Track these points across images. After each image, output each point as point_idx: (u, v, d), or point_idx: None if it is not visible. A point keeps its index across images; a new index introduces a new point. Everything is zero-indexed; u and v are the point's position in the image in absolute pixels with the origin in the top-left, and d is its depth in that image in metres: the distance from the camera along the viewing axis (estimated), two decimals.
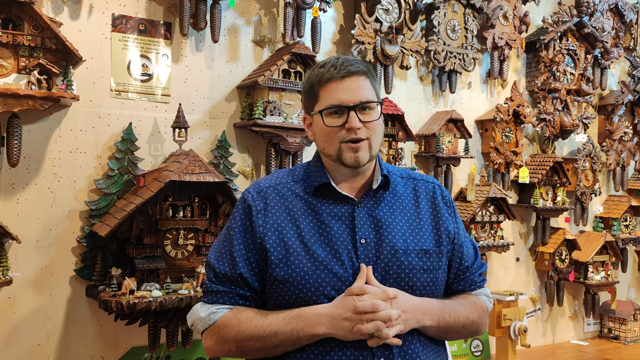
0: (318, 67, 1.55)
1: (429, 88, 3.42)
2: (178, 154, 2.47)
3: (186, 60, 2.67)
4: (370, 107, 1.52)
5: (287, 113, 2.69)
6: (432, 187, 1.66)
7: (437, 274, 1.56)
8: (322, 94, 1.53)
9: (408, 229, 1.55)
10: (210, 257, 1.57)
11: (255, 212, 1.54)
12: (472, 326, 1.60)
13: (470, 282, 1.66)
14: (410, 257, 1.51)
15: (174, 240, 2.41)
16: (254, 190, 1.59)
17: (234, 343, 1.48)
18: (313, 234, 1.49)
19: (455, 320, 1.55)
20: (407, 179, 1.65)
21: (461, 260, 1.64)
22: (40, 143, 2.37)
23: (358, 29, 3.00)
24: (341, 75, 1.50)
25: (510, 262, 3.73)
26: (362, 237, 1.49)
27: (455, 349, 3.38)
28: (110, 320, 2.46)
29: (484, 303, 1.67)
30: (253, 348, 1.47)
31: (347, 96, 1.50)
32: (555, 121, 3.72)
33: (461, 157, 3.33)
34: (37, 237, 2.36)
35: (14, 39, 2.14)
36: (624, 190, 4.24)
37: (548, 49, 3.68)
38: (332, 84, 1.51)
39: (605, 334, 4.08)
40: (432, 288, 1.55)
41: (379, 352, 1.42)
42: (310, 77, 1.57)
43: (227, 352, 1.52)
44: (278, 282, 1.47)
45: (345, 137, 1.50)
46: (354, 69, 1.51)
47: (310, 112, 1.59)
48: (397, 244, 1.50)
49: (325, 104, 1.51)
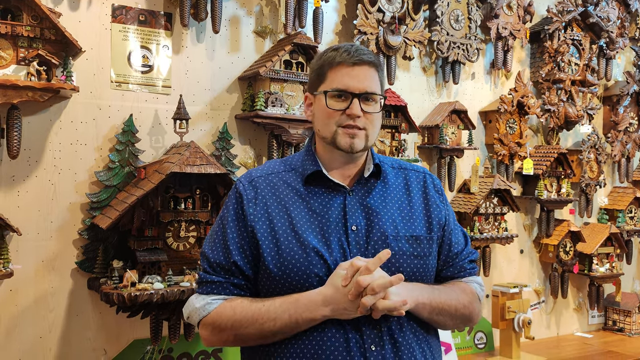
0: (331, 50, 1.57)
1: (432, 79, 3.39)
2: (179, 145, 2.46)
3: (187, 51, 2.65)
4: (373, 99, 1.55)
5: (289, 104, 2.66)
6: (423, 177, 1.69)
7: (427, 260, 1.57)
8: (329, 75, 1.54)
9: (399, 215, 1.57)
10: (205, 247, 1.59)
11: (247, 200, 1.55)
12: (464, 310, 1.60)
13: (460, 269, 1.67)
14: (401, 243, 1.53)
15: (176, 233, 2.39)
16: (245, 179, 1.61)
17: (231, 331, 1.49)
18: (304, 222, 1.50)
19: (446, 300, 1.55)
20: (398, 169, 1.67)
21: (450, 247, 1.65)
22: (41, 135, 2.36)
23: (360, 19, 2.97)
24: (353, 62, 1.52)
25: (514, 254, 3.71)
26: (353, 224, 1.51)
27: (459, 341, 3.37)
28: (112, 313, 2.45)
29: (474, 289, 1.67)
30: (250, 335, 1.48)
31: (354, 83, 1.52)
32: (560, 112, 3.69)
33: (465, 149, 3.31)
34: (38, 229, 2.35)
35: (13, 29, 2.12)
36: (629, 182, 4.22)
37: (552, 39, 3.65)
38: (342, 68, 1.52)
39: (609, 327, 4.07)
40: (423, 274, 1.56)
41: (369, 339, 1.43)
42: (321, 57, 1.58)
43: (225, 341, 1.53)
44: (270, 271, 1.48)
45: (343, 122, 1.52)
46: (367, 58, 1.54)
47: (313, 92, 1.60)
48: (387, 230, 1.52)
49: (331, 85, 1.53)
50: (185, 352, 2.60)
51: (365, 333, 1.44)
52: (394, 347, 1.45)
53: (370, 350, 1.43)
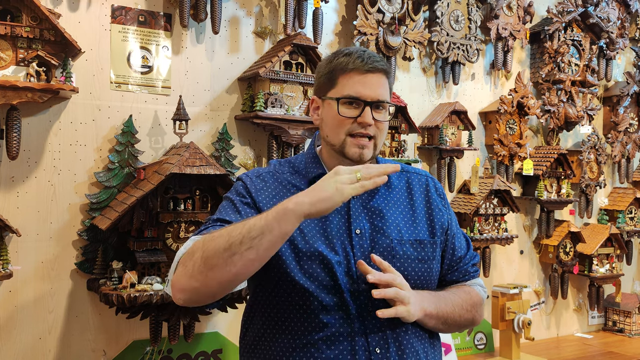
0: (342, 55, 1.54)
1: (432, 79, 3.39)
2: (179, 146, 2.45)
3: (187, 52, 2.65)
4: (384, 107, 1.54)
5: (289, 105, 2.66)
6: (425, 180, 1.68)
7: (431, 264, 1.56)
8: (341, 81, 1.52)
9: (402, 219, 1.56)
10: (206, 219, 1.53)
11: (255, 190, 1.53)
12: (468, 315, 1.60)
13: (463, 273, 1.67)
14: (405, 247, 1.52)
15: (175, 233, 2.39)
16: (253, 174, 1.59)
17: (200, 252, 1.32)
18: (308, 224, 1.48)
19: (452, 309, 1.55)
20: (400, 172, 1.66)
21: (454, 251, 1.65)
22: (40, 136, 2.36)
23: (360, 20, 2.97)
24: (366, 69, 1.50)
25: (514, 255, 3.71)
26: (356, 227, 1.50)
27: (459, 342, 3.37)
28: (111, 314, 2.45)
29: (478, 293, 1.67)
30: (219, 249, 1.29)
31: (368, 91, 1.50)
32: (560, 113, 3.69)
33: (464, 149, 3.30)
34: (37, 230, 2.35)
35: (12, 30, 2.12)
36: (629, 183, 4.21)
37: (552, 40, 3.64)
38: (355, 75, 1.50)
39: (609, 327, 4.07)
40: (427, 278, 1.56)
41: (373, 342, 1.43)
42: (332, 61, 1.55)
43: (192, 274, 1.32)
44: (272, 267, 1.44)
45: (354, 130, 1.50)
46: (380, 66, 1.52)
47: (322, 96, 1.57)
48: (392, 234, 1.51)
49: (343, 92, 1.51)
50: (184, 353, 2.60)
51: (370, 336, 1.43)
52: (399, 349, 1.45)
53: (375, 353, 1.43)
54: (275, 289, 1.47)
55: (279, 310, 1.48)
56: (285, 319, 1.47)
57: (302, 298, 1.44)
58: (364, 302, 1.45)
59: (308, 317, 1.44)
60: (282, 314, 1.47)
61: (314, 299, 1.43)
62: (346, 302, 1.44)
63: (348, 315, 1.44)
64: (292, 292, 1.45)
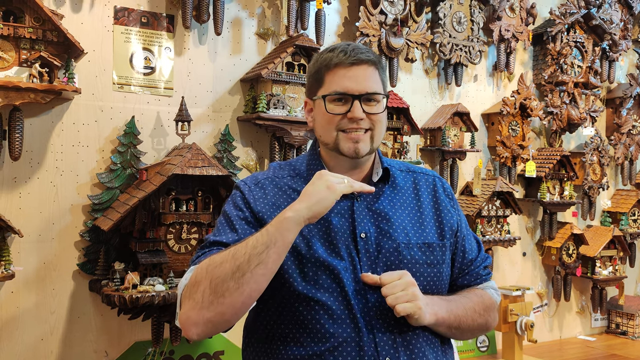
0: (327, 51, 1.49)
1: (435, 81, 3.39)
2: (181, 147, 2.45)
3: (189, 53, 2.65)
4: (375, 99, 1.47)
5: (291, 106, 2.66)
6: (432, 180, 1.62)
7: (441, 268, 1.51)
8: (327, 78, 1.47)
9: (410, 222, 1.50)
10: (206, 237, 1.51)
11: (253, 200, 1.49)
12: (481, 320, 1.54)
13: (475, 276, 1.60)
14: (413, 251, 1.46)
15: (177, 234, 2.39)
16: (251, 181, 1.54)
17: (207, 278, 1.30)
18: (312, 229, 1.43)
19: (464, 313, 1.49)
20: (406, 172, 1.61)
21: (464, 254, 1.59)
22: (43, 136, 2.36)
23: (362, 21, 2.96)
24: (350, 62, 1.44)
25: (517, 257, 3.70)
26: (362, 231, 1.44)
27: (462, 344, 3.35)
28: (113, 315, 2.45)
29: (491, 296, 1.60)
30: (226, 273, 1.28)
31: (354, 85, 1.44)
32: (563, 114, 3.68)
33: (467, 151, 3.30)
34: (39, 231, 2.35)
35: (15, 31, 2.12)
36: (632, 185, 4.20)
37: (555, 41, 3.64)
38: (340, 70, 1.45)
39: (612, 330, 4.05)
40: (437, 283, 1.49)
41: (383, 351, 1.37)
42: (317, 60, 1.51)
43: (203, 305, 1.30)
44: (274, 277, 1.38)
45: (345, 126, 1.45)
46: (364, 57, 1.45)
47: (312, 97, 1.53)
48: (398, 238, 1.46)
49: (330, 89, 1.46)
50: (186, 354, 2.60)
51: (380, 345, 1.37)
52: (410, 358, 1.39)
53: None
54: (278, 299, 1.42)
55: (283, 321, 1.42)
56: (289, 330, 1.41)
57: (306, 307, 1.39)
58: (372, 310, 1.39)
59: (313, 328, 1.38)
60: (285, 325, 1.41)
61: (320, 307, 1.38)
62: (353, 309, 1.38)
63: (356, 323, 1.38)
64: (295, 302, 1.40)
